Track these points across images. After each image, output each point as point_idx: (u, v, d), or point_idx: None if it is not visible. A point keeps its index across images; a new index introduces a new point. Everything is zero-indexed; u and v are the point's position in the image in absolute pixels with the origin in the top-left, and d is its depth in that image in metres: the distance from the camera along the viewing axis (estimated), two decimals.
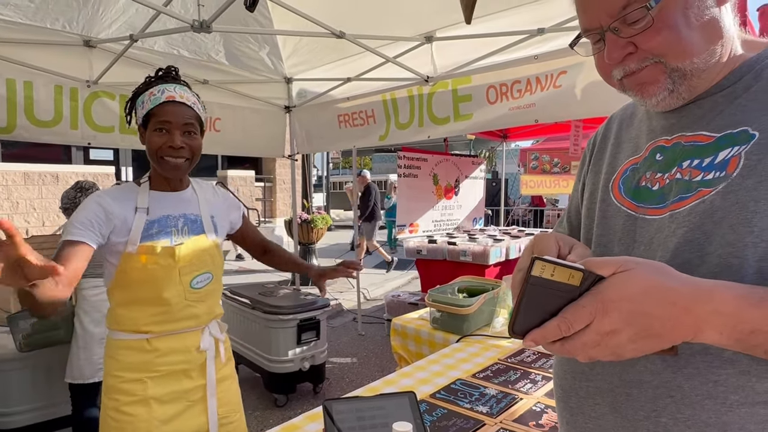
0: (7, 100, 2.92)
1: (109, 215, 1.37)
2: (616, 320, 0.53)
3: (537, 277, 0.56)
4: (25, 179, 7.71)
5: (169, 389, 1.45)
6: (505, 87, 3.10)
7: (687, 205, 0.65)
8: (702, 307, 0.53)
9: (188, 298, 1.46)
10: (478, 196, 6.64)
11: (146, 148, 1.43)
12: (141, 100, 1.42)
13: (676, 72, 0.65)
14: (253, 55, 3.78)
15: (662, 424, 0.63)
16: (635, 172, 0.75)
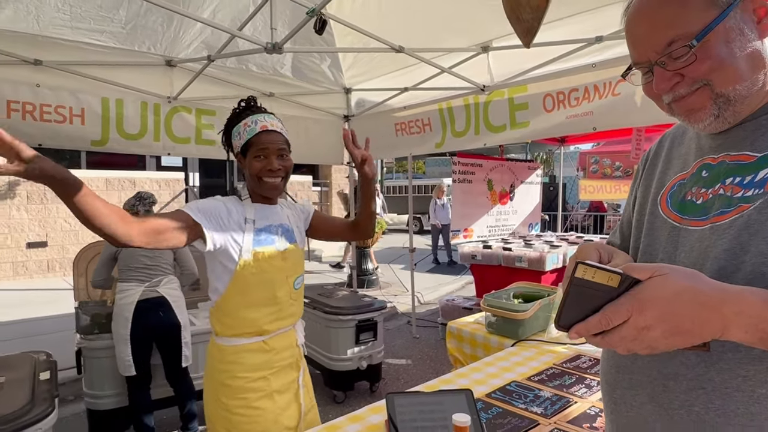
0: (101, 116, 3.27)
1: (230, 214, 1.56)
2: (650, 317, 0.60)
3: (580, 279, 0.64)
4: (107, 185, 8.40)
5: (283, 381, 1.66)
6: (562, 95, 3.11)
7: (727, 219, 0.71)
8: (729, 309, 0.59)
9: (291, 297, 1.67)
10: (534, 201, 6.57)
11: (246, 172, 1.62)
12: (236, 131, 1.60)
13: (721, 98, 0.71)
14: (315, 68, 4.00)
15: (695, 413, 0.69)
16: (682, 187, 0.81)
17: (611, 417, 0.84)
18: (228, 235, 1.53)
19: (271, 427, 1.59)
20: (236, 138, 1.60)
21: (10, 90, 2.96)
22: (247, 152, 1.58)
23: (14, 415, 1.74)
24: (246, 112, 1.63)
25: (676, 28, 0.70)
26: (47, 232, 7.83)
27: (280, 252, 1.62)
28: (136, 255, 2.81)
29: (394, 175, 28.61)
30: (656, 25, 0.72)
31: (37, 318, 5.44)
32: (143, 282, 2.79)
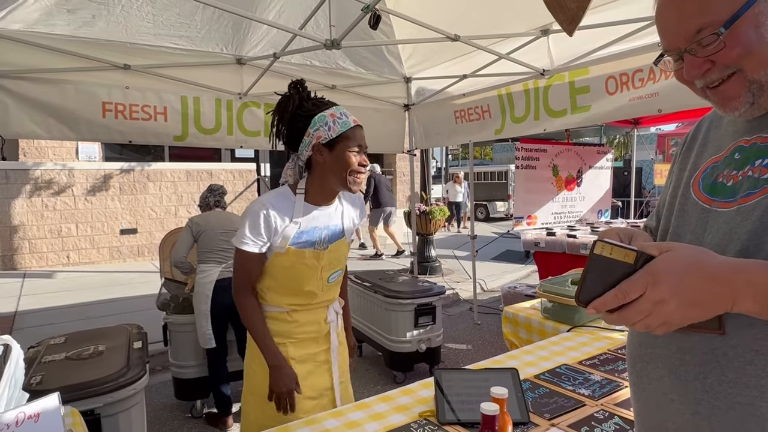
0: (181, 113, 3.59)
1: (271, 226, 1.58)
2: (664, 290, 0.63)
3: (598, 255, 0.68)
4: (187, 176, 9.06)
5: (302, 352, 1.69)
6: (625, 77, 3.00)
7: (753, 200, 0.72)
8: (738, 278, 0.63)
9: (323, 289, 1.71)
10: (603, 186, 6.31)
11: (332, 165, 1.57)
12: (321, 121, 1.55)
13: (755, 84, 0.71)
14: (375, 60, 4.10)
15: (708, 384, 0.73)
16: (714, 170, 0.82)
17: (634, 389, 0.88)
18: (273, 239, 1.60)
19: None
20: (322, 129, 1.55)
21: (105, 93, 3.32)
22: (336, 145, 1.55)
23: (114, 376, 2.01)
24: (319, 101, 1.61)
25: (704, 16, 0.71)
26: (137, 220, 8.61)
27: (315, 252, 1.63)
28: (215, 239, 3.10)
29: (459, 162, 28.28)
30: (684, 13, 0.73)
31: (130, 297, 6.04)
32: (221, 263, 3.08)
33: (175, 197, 8.95)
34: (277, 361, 1.59)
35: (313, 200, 1.66)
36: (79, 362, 2.15)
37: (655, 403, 0.81)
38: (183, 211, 8.99)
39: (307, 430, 1.42)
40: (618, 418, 1.44)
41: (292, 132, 1.61)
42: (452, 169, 21.28)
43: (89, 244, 8.26)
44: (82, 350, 2.28)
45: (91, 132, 3.32)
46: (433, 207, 7.50)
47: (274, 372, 1.58)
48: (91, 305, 5.69)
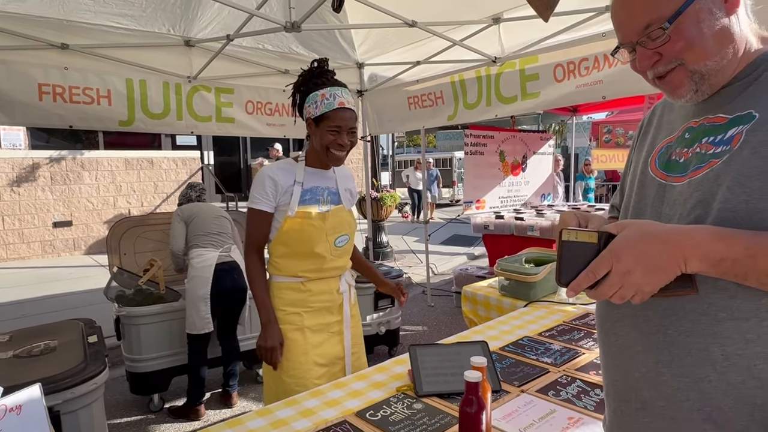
0: (127, 97, 3.41)
1: (278, 186, 1.78)
2: (628, 262, 0.73)
3: (566, 241, 0.79)
4: (126, 165, 8.60)
5: (317, 321, 1.84)
6: (572, 65, 3.16)
7: (701, 174, 0.81)
8: (686, 241, 0.72)
9: (333, 254, 1.84)
10: (546, 171, 6.61)
11: (315, 139, 1.78)
12: (313, 99, 1.73)
13: (696, 74, 0.81)
14: (328, 45, 4.06)
15: (669, 335, 0.82)
16: (668, 149, 0.91)
17: (603, 348, 0.97)
18: (280, 200, 1.79)
19: (300, 357, 1.79)
20: (311, 105, 1.73)
21: (41, 73, 3.10)
22: (320, 122, 1.73)
23: (73, 371, 1.92)
24: (322, 80, 1.76)
25: (651, 13, 0.80)
26: (72, 212, 8.09)
27: (320, 213, 1.81)
28: (209, 223, 3.09)
29: (405, 150, 28.53)
30: (635, 10, 0.82)
31: (70, 292, 5.71)
32: (217, 247, 3.05)
33: (114, 187, 8.48)
34: (268, 318, 1.76)
35: (312, 164, 1.87)
36: (30, 359, 2.04)
37: (624, 357, 0.90)
38: (122, 202, 8.55)
39: (289, 410, 1.44)
40: (579, 381, 1.56)
41: (298, 104, 1.81)
42: (398, 157, 21.47)
43: (18, 239, 7.69)
44: (31, 347, 2.16)
45: (27, 116, 3.09)
46: (384, 194, 7.56)
47: (264, 328, 1.75)
48: (27, 302, 5.33)
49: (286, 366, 1.79)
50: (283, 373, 1.78)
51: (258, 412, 1.44)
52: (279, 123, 4.34)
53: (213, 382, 3.37)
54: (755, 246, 0.69)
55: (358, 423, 1.34)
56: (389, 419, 1.35)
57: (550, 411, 1.37)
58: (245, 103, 4.11)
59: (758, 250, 0.69)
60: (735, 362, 0.75)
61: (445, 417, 1.35)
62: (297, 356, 1.79)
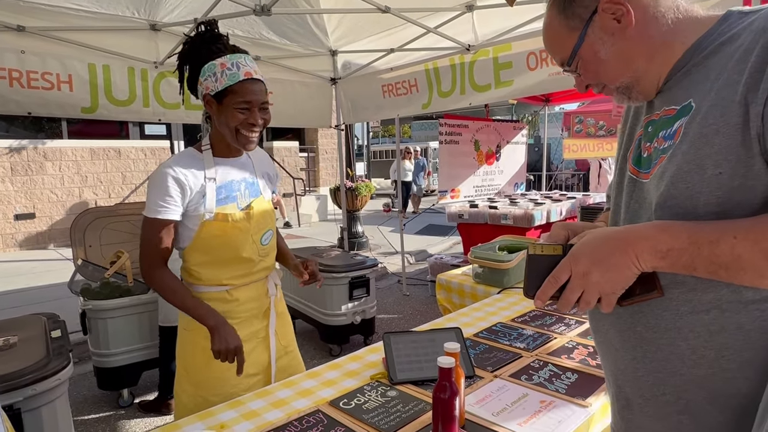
0: (89, 83, 3.27)
1: (185, 188, 1.46)
2: (584, 263, 0.77)
3: (532, 254, 0.84)
4: (92, 155, 8.31)
5: (246, 331, 1.58)
6: (545, 53, 3.17)
7: (656, 170, 0.82)
8: (633, 236, 0.75)
9: (260, 254, 1.60)
10: (519, 161, 6.68)
11: (220, 121, 1.47)
12: (210, 71, 1.42)
13: (619, 88, 0.88)
14: (301, 31, 3.98)
15: (638, 332, 0.84)
16: (640, 142, 0.91)
17: (595, 342, 1.01)
18: (189, 203, 1.49)
19: (229, 372, 1.52)
20: (209, 79, 1.43)
21: None
22: (223, 99, 1.44)
23: (34, 367, 1.85)
24: (218, 46, 1.45)
25: (558, 54, 0.91)
26: (34, 204, 7.80)
27: (242, 212, 1.55)
28: None
29: (380, 140, 28.45)
30: (550, 50, 0.95)
31: (33, 287, 5.51)
32: None
33: (79, 178, 8.19)
34: (215, 320, 1.46)
35: (220, 153, 1.56)
36: None
37: (608, 353, 0.93)
38: (89, 193, 8.27)
39: (260, 402, 1.41)
40: (551, 365, 1.57)
41: (189, 78, 1.50)
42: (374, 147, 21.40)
43: None
44: None
45: None
46: (359, 184, 7.53)
47: (219, 331, 1.44)
48: None
49: (211, 384, 1.55)
50: (208, 392, 1.54)
51: (229, 404, 1.41)
52: None
53: None
54: (697, 233, 0.71)
55: (331, 412, 1.32)
56: (363, 407, 1.33)
57: (523, 395, 1.38)
58: None
59: (700, 237, 0.70)
60: (702, 354, 0.76)
61: (419, 404, 1.34)
62: (223, 372, 1.53)
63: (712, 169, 0.72)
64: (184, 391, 1.60)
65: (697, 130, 0.74)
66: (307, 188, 12.01)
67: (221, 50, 1.45)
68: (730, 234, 0.68)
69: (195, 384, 1.58)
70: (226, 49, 1.46)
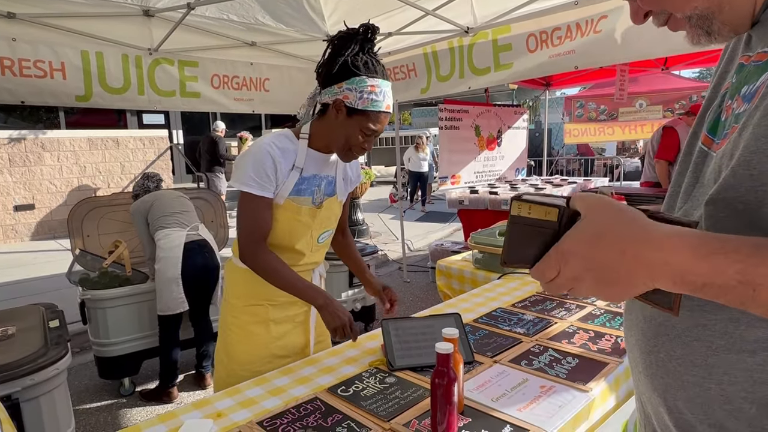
0: (83, 70, 3.22)
1: (278, 169, 1.49)
2: (576, 268, 0.55)
3: (516, 216, 0.60)
4: (90, 145, 8.27)
5: (283, 314, 1.65)
6: (545, 35, 3.12)
7: (725, 143, 0.60)
8: (652, 256, 0.51)
9: (312, 250, 1.65)
10: (520, 146, 6.64)
11: (338, 129, 1.49)
12: (359, 85, 1.42)
13: (692, 18, 0.61)
14: (297, 15, 3.91)
15: (660, 359, 0.65)
16: (723, 99, 0.67)
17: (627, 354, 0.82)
18: (276, 184, 1.52)
19: (260, 351, 1.61)
20: (355, 92, 1.42)
21: None
22: (354, 115, 1.46)
23: (32, 357, 1.84)
24: (373, 62, 1.45)
25: None
26: (33, 195, 7.77)
27: (311, 208, 1.58)
28: (170, 202, 2.99)
29: None
30: None
31: (33, 278, 5.52)
32: (184, 226, 2.96)
33: (77, 168, 8.16)
34: (324, 299, 1.53)
35: (316, 146, 1.58)
36: None
37: (633, 372, 0.77)
38: (88, 183, 8.24)
39: (258, 389, 1.40)
40: (552, 350, 1.56)
41: (332, 72, 1.45)
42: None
43: None
44: None
45: None
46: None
47: (328, 309, 1.52)
48: None
49: (243, 359, 1.62)
50: (239, 366, 1.61)
51: (227, 391, 1.40)
52: (247, 98, 4.20)
53: (185, 364, 3.31)
54: (754, 267, 0.46)
55: (329, 399, 1.31)
56: (361, 394, 1.32)
57: (523, 380, 1.37)
58: (211, 76, 3.95)
59: (757, 274, 0.46)
60: (739, 407, 0.57)
61: (417, 390, 1.33)
62: (256, 349, 1.62)
63: None
64: (220, 361, 1.67)
65: None
66: None
67: (376, 71, 1.45)
68: None
69: (228, 355, 1.65)
70: (380, 72, 1.47)
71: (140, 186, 3.20)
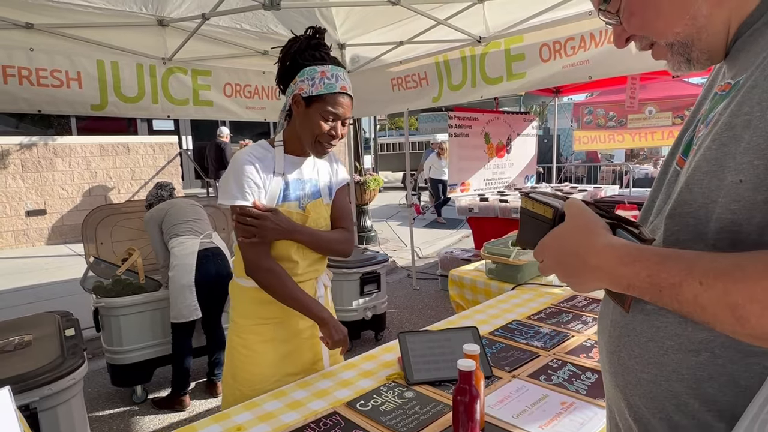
0: (98, 79, 3.26)
1: (260, 172, 1.50)
2: (551, 259, 0.71)
3: (524, 209, 0.80)
4: (101, 151, 8.34)
5: (289, 331, 1.61)
6: (558, 44, 3.12)
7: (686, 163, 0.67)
8: (593, 261, 0.64)
9: (306, 257, 1.60)
10: (530, 153, 6.61)
11: (303, 124, 1.49)
12: (309, 74, 1.45)
13: (674, 45, 0.66)
14: (308, 24, 3.92)
15: (622, 359, 0.72)
16: (697, 123, 0.73)
17: None
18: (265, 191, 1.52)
19: (269, 370, 1.57)
20: (306, 81, 1.45)
21: (4, 55, 2.93)
22: (312, 103, 1.47)
23: (49, 366, 1.85)
24: (321, 54, 1.49)
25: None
26: (45, 200, 7.85)
27: (300, 213, 1.57)
28: (185, 210, 3.02)
29: (387, 132, 28.34)
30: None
31: (45, 283, 5.56)
32: (197, 234, 2.97)
33: (89, 174, 8.23)
34: (328, 314, 1.56)
35: (291, 151, 1.58)
36: (3, 355, 1.96)
37: (602, 371, 0.82)
38: (99, 189, 8.31)
39: (276, 402, 1.40)
40: (570, 365, 1.54)
41: (284, 73, 1.52)
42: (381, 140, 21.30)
43: None
44: (5, 342, 2.07)
45: None
46: (367, 177, 7.49)
47: (331, 323, 1.54)
48: (1, 294, 5.17)
49: (252, 380, 1.57)
50: (247, 387, 1.56)
51: (245, 405, 1.40)
52: (259, 106, 4.22)
53: (196, 372, 3.31)
54: (658, 272, 0.56)
55: (348, 414, 1.31)
56: (380, 409, 1.32)
57: (543, 396, 1.36)
58: (223, 85, 3.98)
59: (661, 277, 0.56)
60: (685, 402, 0.64)
61: (437, 405, 1.32)
62: (263, 369, 1.58)
63: (732, 174, 0.55)
64: (227, 384, 1.64)
65: (727, 119, 0.58)
66: None
67: (324, 59, 1.49)
68: (696, 277, 0.53)
69: (235, 377, 1.61)
70: (328, 58, 1.50)
71: (154, 195, 3.23)
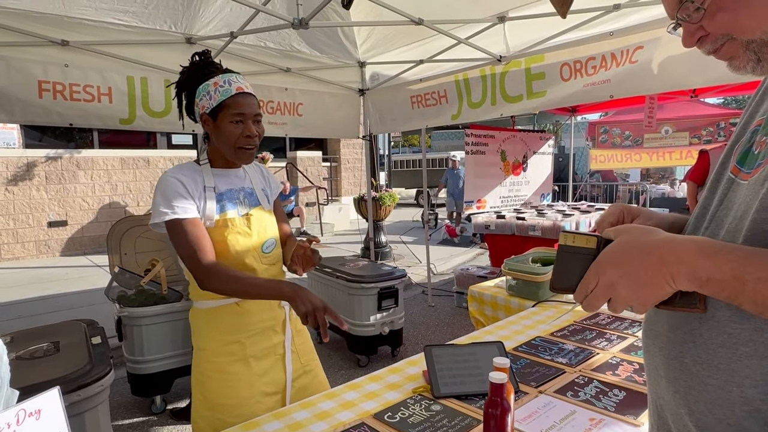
0: (128, 94, 3.36)
1: (188, 187, 1.48)
2: (611, 275, 0.68)
3: (563, 245, 0.75)
4: (122, 164, 8.52)
5: (261, 346, 1.57)
6: (579, 64, 3.15)
7: (759, 171, 0.66)
8: (671, 257, 0.64)
9: (263, 263, 1.60)
10: (546, 171, 6.63)
11: (218, 137, 1.51)
12: (204, 90, 1.48)
13: (753, 43, 0.65)
14: (331, 43, 4.03)
15: (685, 364, 0.71)
16: (753, 135, 0.73)
17: (645, 362, 0.89)
18: (195, 203, 1.49)
19: (246, 392, 1.53)
20: (204, 98, 1.49)
21: (41, 71, 3.05)
22: (218, 114, 1.48)
23: (78, 372, 1.89)
24: (210, 69, 1.52)
25: None
26: (66, 211, 8.02)
27: (242, 218, 1.57)
28: None
29: (400, 149, 28.51)
30: None
31: (67, 293, 5.65)
32: None
33: (109, 186, 8.40)
34: (291, 287, 1.40)
35: (218, 166, 1.60)
36: (33, 361, 2.00)
37: (652, 378, 0.82)
38: (119, 202, 8.47)
39: (305, 413, 1.41)
40: (597, 381, 1.54)
41: (187, 104, 1.56)
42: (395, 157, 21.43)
43: (12, 239, 7.60)
44: (34, 349, 2.12)
45: (26, 113, 3.03)
46: (382, 193, 7.54)
47: (299, 295, 1.37)
48: (24, 303, 5.26)
49: (228, 405, 1.51)
50: (226, 414, 1.50)
51: (274, 414, 1.41)
52: (281, 122, 4.30)
53: None
54: (744, 266, 0.58)
55: (376, 425, 1.31)
56: (408, 421, 1.32)
57: (571, 412, 1.35)
58: None
59: (746, 271, 0.58)
60: (758, 408, 0.63)
61: (465, 419, 1.33)
62: (240, 391, 1.52)
63: None
64: (201, 416, 1.56)
65: None
66: (330, 197, 12.08)
67: (214, 72, 1.52)
68: None
69: (211, 408, 1.54)
70: (218, 70, 1.53)
71: None
